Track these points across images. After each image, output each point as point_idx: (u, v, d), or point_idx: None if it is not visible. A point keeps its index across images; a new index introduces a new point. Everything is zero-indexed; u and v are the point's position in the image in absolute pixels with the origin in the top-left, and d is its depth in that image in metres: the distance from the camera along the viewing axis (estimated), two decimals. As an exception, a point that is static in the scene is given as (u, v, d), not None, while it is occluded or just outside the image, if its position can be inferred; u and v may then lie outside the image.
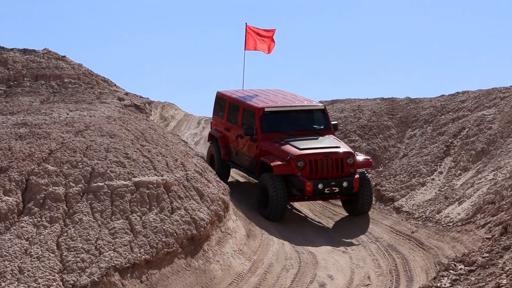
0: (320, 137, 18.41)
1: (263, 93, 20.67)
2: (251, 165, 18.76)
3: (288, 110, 19.05)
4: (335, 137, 18.83)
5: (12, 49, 29.32)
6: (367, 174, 18.53)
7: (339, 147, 17.78)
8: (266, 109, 18.63)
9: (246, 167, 19.20)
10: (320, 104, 19.85)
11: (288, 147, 17.59)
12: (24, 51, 29.28)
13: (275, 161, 17.33)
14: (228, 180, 20.21)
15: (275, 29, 22.62)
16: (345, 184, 17.12)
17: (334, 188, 17.12)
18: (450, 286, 8.19)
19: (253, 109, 18.82)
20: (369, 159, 18.60)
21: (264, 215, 17.35)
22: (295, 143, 17.72)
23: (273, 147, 17.88)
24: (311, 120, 19.19)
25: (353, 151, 17.97)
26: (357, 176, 17.35)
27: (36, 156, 13.79)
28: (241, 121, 19.21)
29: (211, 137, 21.10)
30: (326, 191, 17.14)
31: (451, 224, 16.18)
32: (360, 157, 18.14)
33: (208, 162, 19.86)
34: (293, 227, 17.13)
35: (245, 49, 22.32)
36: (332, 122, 19.39)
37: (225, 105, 20.41)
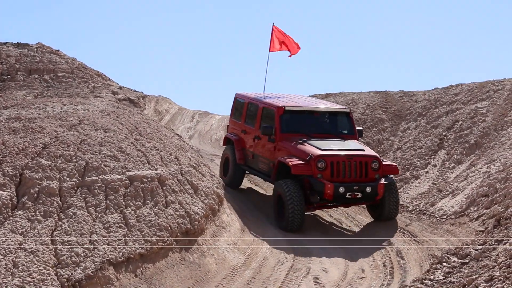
0: (343, 140, 17.17)
1: (285, 96, 19.60)
2: (267, 169, 17.50)
3: (310, 111, 17.85)
4: (360, 142, 17.58)
5: (5, 43, 29.25)
6: (394, 179, 17.07)
7: (363, 150, 16.60)
8: (286, 108, 17.45)
9: (262, 171, 17.90)
10: (345, 107, 18.80)
11: (308, 147, 16.33)
12: (18, 45, 29.20)
13: (293, 161, 16.13)
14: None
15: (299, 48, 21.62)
16: (368, 189, 15.88)
17: (356, 193, 15.86)
18: (444, 278, 8.23)
19: (273, 107, 17.61)
20: (395, 165, 17.25)
21: (280, 227, 16.18)
22: (316, 143, 16.47)
23: (292, 147, 16.63)
24: (334, 123, 17.92)
25: (379, 156, 16.76)
26: (382, 181, 16.09)
27: (30, 150, 13.77)
28: (260, 122, 17.94)
29: (226, 141, 19.81)
30: (347, 196, 15.85)
31: (444, 217, 16.23)
32: (386, 162, 16.82)
33: (221, 166, 19.65)
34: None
35: (269, 51, 21.36)
36: (358, 128, 18.14)
37: (243, 106, 19.17)
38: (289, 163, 16.05)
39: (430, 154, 20.46)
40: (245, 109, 18.99)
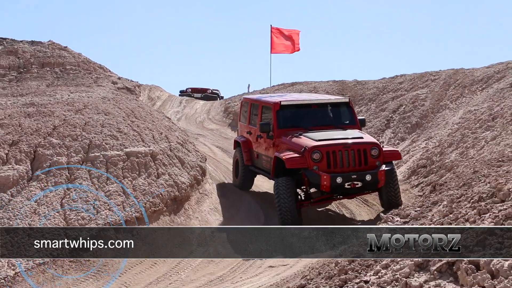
0: (342, 130, 14.25)
1: (289, 94, 17.71)
2: (269, 166, 14.54)
3: (307, 104, 14.90)
4: (361, 131, 14.56)
5: (21, 41, 28.92)
6: (394, 166, 14.08)
7: (362, 137, 13.65)
8: (282, 103, 14.57)
9: (266, 170, 14.95)
10: (344, 98, 15.80)
11: (303, 139, 13.52)
12: (32, 43, 28.89)
13: (287, 154, 13.38)
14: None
15: (299, 30, 19.79)
16: (368, 177, 13.07)
17: (356, 182, 13.04)
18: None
19: (270, 104, 14.82)
20: (397, 151, 14.30)
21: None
22: (312, 135, 13.64)
23: (288, 142, 13.80)
24: (334, 115, 14.82)
25: (378, 142, 13.78)
26: (383, 168, 13.24)
27: (42, 131, 13.72)
28: (261, 120, 15.06)
29: (236, 144, 16.68)
30: (346, 186, 13.05)
31: (390, 184, 16.29)
32: (387, 148, 14.02)
33: (233, 170, 16.79)
34: (262, 192, 16.95)
35: (271, 52, 19.46)
36: (360, 117, 15.09)
37: (247, 108, 16.17)
38: (283, 157, 13.37)
39: (379, 133, 20.52)
40: (249, 111, 16.06)
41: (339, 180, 12.92)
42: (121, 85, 26.68)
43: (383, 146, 13.66)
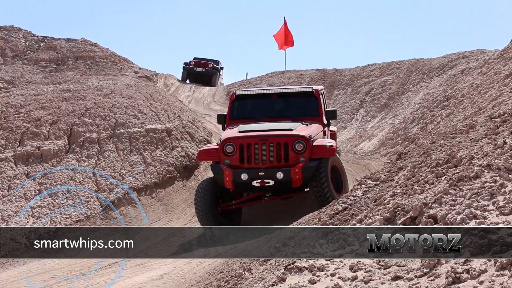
0: (286, 122, 10.06)
1: (273, 86, 15.75)
2: None
3: (262, 94, 11.21)
4: (316, 124, 10.31)
5: (59, 39, 28.67)
6: (329, 163, 9.56)
7: (290, 129, 9.53)
8: (237, 93, 11.12)
9: None
10: (307, 87, 11.34)
11: (231, 131, 9.90)
12: (68, 40, 28.62)
13: (205, 147, 10.74)
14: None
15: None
16: (279, 175, 9.13)
17: (266, 180, 9.20)
18: (362, 195, 8.22)
19: None
20: (332, 146, 9.66)
21: None
22: (243, 127, 9.90)
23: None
24: (294, 106, 10.81)
25: (308, 136, 9.43)
26: (300, 165, 9.22)
27: (77, 112, 13.66)
28: None
29: None
30: (255, 184, 9.23)
31: (364, 154, 16.29)
32: (319, 143, 9.62)
33: None
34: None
35: (285, 46, 17.83)
36: (330, 109, 10.87)
37: None
38: (199, 149, 10.72)
39: (354, 111, 20.48)
40: None
41: (244, 177, 9.22)
42: (141, 74, 26.51)
43: (313, 140, 9.55)
